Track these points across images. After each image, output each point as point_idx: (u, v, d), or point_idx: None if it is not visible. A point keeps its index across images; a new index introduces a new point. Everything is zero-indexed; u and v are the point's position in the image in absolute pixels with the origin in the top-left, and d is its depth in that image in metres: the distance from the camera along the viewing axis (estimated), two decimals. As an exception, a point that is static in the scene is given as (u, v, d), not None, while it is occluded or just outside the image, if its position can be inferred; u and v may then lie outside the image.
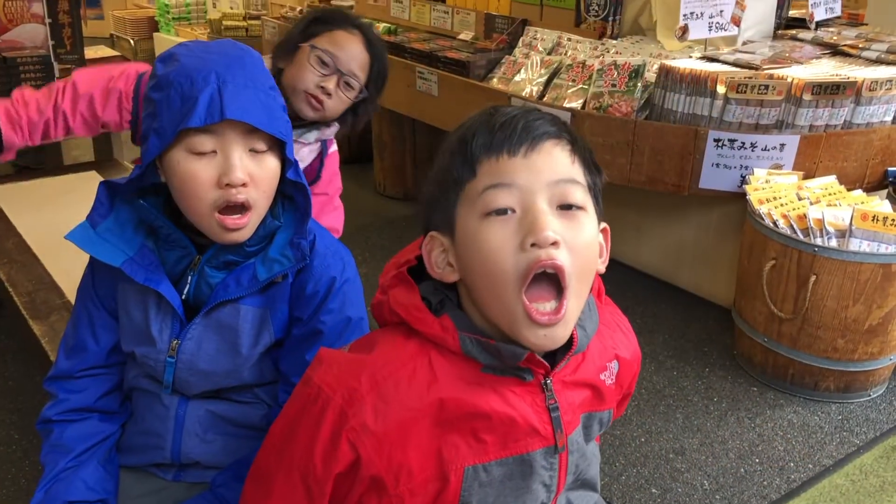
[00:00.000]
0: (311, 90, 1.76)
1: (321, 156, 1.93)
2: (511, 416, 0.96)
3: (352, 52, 1.78)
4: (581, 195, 0.93)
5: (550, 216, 0.90)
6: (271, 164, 1.20)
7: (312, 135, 1.86)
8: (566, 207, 0.92)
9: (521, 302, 0.90)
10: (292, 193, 1.26)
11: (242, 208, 1.18)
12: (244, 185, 1.16)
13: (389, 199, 4.28)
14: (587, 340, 1.01)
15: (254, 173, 1.17)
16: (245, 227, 1.19)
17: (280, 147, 1.21)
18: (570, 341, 0.97)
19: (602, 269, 1.01)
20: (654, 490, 2.23)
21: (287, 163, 1.22)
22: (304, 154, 1.87)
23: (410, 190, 4.25)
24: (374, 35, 1.85)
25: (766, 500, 2.20)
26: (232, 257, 1.24)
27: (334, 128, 1.89)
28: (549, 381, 0.98)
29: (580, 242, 0.92)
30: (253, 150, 1.17)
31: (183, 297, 1.25)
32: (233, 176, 1.14)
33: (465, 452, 0.95)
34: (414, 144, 4.21)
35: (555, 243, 0.89)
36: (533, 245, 0.89)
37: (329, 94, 1.77)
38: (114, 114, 1.80)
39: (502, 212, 0.91)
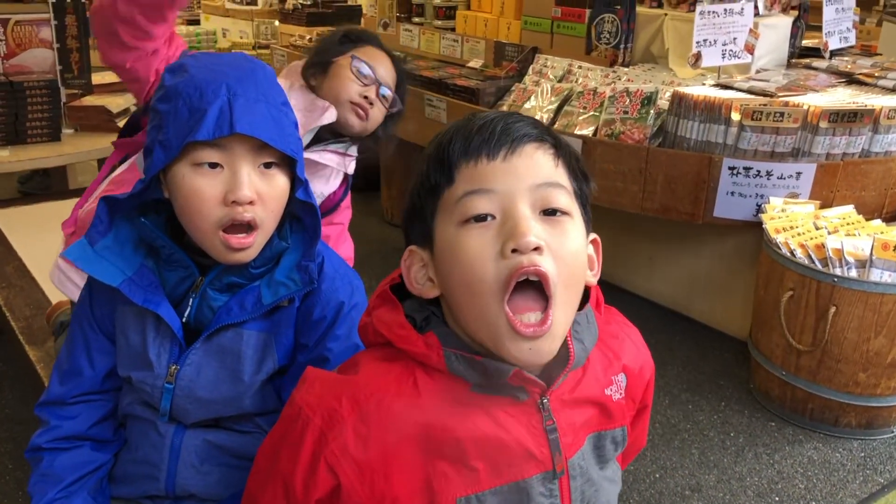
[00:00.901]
0: (356, 99, 1.77)
1: (346, 183, 1.92)
2: (503, 439, 0.89)
3: (385, 66, 1.83)
4: (566, 200, 0.88)
5: (532, 221, 0.85)
6: (280, 182, 1.15)
7: (355, 148, 1.86)
8: (550, 213, 0.87)
9: (504, 313, 0.84)
10: (301, 214, 1.21)
11: (248, 227, 1.12)
12: (251, 203, 1.11)
13: (396, 227, 4.23)
14: (585, 355, 0.94)
15: (262, 191, 1.12)
16: (250, 247, 1.14)
17: (290, 165, 1.16)
18: (567, 356, 0.90)
19: (593, 281, 0.95)
20: (670, 529, 2.14)
21: (297, 182, 1.17)
22: (350, 168, 1.87)
23: (418, 218, 4.21)
24: (397, 56, 1.91)
25: (788, 540, 2.11)
26: (236, 279, 1.18)
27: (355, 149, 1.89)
28: (545, 401, 0.91)
29: (566, 250, 0.86)
30: (262, 168, 1.12)
31: (183, 320, 1.19)
32: (240, 193, 1.09)
33: (456, 482, 0.88)
34: (422, 172, 4.18)
35: (537, 248, 0.83)
36: (514, 251, 0.83)
37: (371, 104, 1.78)
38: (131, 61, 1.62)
39: (481, 218, 0.86)
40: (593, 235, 0.96)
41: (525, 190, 0.86)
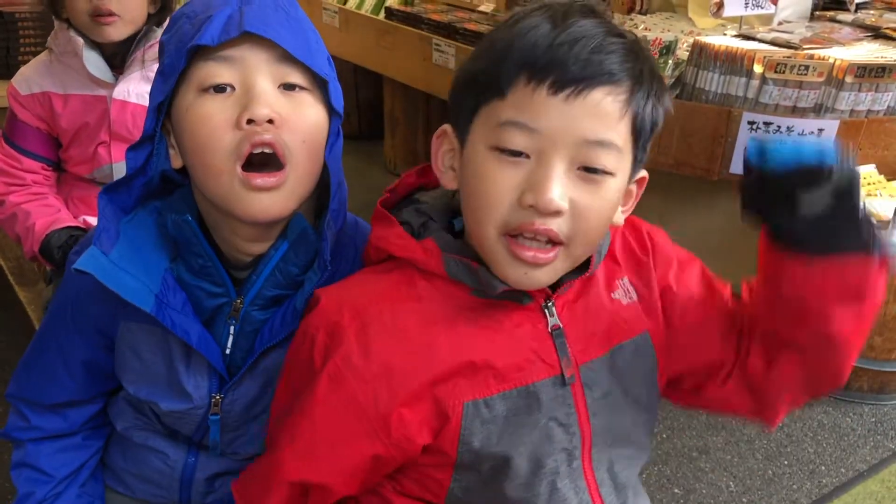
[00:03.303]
0: (92, 11, 1.63)
1: None
2: (508, 341, 0.85)
3: None
4: (613, 160, 0.80)
5: (563, 179, 0.78)
6: (312, 109, 0.92)
7: None
8: (591, 171, 0.79)
9: (504, 244, 0.80)
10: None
11: (274, 162, 0.89)
12: (271, 122, 0.87)
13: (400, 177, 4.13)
14: (599, 263, 0.90)
15: (285, 113, 0.89)
16: (278, 188, 0.89)
17: (324, 96, 0.94)
18: (587, 263, 0.87)
19: (621, 220, 0.89)
20: (676, 490, 2.10)
21: (333, 117, 0.94)
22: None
23: (422, 168, 4.11)
24: None
25: (796, 505, 2.07)
26: (282, 292, 0.96)
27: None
28: (550, 304, 0.86)
29: (593, 210, 0.80)
30: (283, 89, 0.90)
31: (227, 350, 0.98)
32: (255, 109, 0.86)
33: (462, 386, 0.84)
34: (427, 120, 4.05)
35: (558, 212, 0.78)
36: (531, 206, 0.78)
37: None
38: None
39: (515, 154, 0.79)
40: (643, 173, 0.89)
41: (571, 142, 0.78)
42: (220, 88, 0.88)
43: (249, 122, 0.87)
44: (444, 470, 0.87)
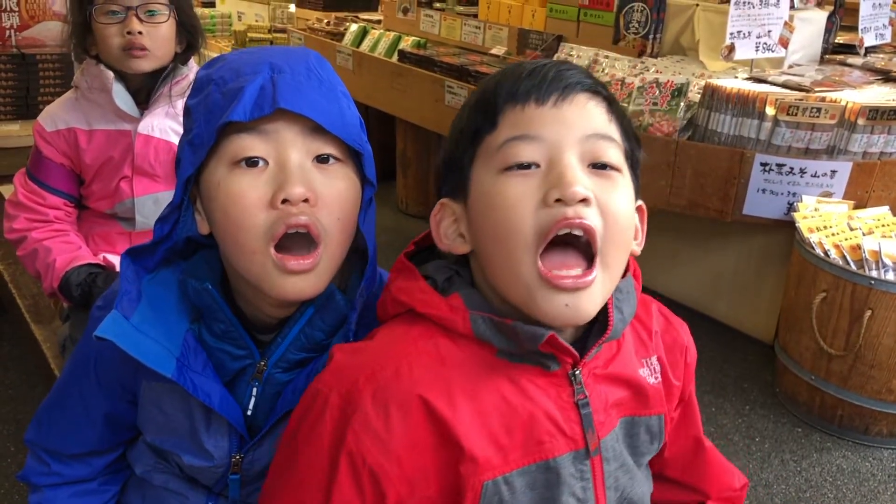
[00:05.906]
0: (125, 45, 1.66)
1: None
2: (531, 411, 0.82)
3: None
4: (617, 155, 0.81)
5: (581, 171, 0.78)
6: (345, 182, 0.89)
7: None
8: (600, 167, 0.80)
9: (537, 268, 0.77)
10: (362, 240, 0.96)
11: (308, 242, 0.87)
12: (306, 201, 0.85)
13: (412, 217, 4.14)
14: (623, 326, 0.87)
15: (319, 189, 0.87)
16: (311, 270, 0.87)
17: (358, 167, 0.92)
18: (605, 325, 0.83)
19: (637, 250, 0.88)
20: (694, 536, 2.06)
21: (366, 187, 0.92)
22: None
23: (434, 208, 4.13)
24: None
25: (817, 552, 2.03)
26: (307, 355, 0.95)
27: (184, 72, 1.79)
28: (577, 372, 0.84)
29: (615, 205, 0.79)
30: (316, 162, 0.88)
31: (249, 412, 0.97)
32: (291, 189, 0.84)
33: (482, 461, 0.79)
34: (439, 161, 4.09)
35: (584, 200, 0.76)
36: (558, 201, 0.76)
37: (140, 33, 1.66)
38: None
39: (525, 166, 0.79)
40: (639, 202, 0.89)
41: (574, 140, 0.80)
42: (252, 162, 0.86)
43: (284, 201, 0.85)
44: None
